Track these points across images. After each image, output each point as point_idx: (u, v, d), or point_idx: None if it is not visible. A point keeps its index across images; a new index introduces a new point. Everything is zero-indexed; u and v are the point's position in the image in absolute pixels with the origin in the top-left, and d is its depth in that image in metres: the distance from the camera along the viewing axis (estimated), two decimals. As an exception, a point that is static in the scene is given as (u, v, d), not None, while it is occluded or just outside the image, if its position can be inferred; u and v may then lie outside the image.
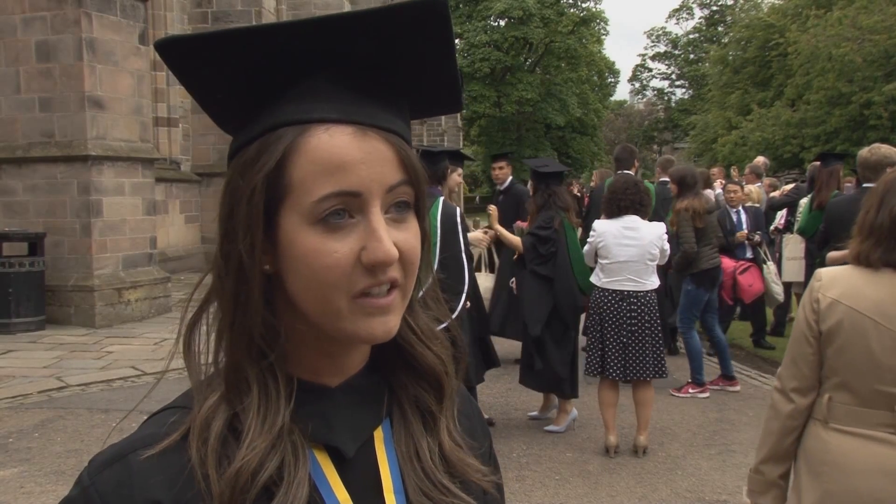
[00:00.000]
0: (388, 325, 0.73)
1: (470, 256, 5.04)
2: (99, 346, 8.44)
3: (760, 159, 11.60)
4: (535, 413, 6.15)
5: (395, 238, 0.71)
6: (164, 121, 14.47)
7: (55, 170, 9.48)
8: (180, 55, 0.72)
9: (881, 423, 2.11)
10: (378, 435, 0.80)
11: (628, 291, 5.17)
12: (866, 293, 2.14)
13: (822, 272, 2.30)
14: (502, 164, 7.49)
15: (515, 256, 6.09)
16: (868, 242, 2.17)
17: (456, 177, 5.49)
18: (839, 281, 2.21)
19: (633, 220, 5.20)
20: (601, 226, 5.28)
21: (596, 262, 5.35)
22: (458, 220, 4.89)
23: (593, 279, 5.36)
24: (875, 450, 2.11)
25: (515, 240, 5.94)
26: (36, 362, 7.67)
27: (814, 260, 6.83)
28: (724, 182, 11.07)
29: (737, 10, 47.65)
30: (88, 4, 9.27)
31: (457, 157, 5.69)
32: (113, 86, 9.67)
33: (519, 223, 6.32)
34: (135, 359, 7.82)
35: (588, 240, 5.41)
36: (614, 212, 5.23)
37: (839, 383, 2.18)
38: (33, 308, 9.10)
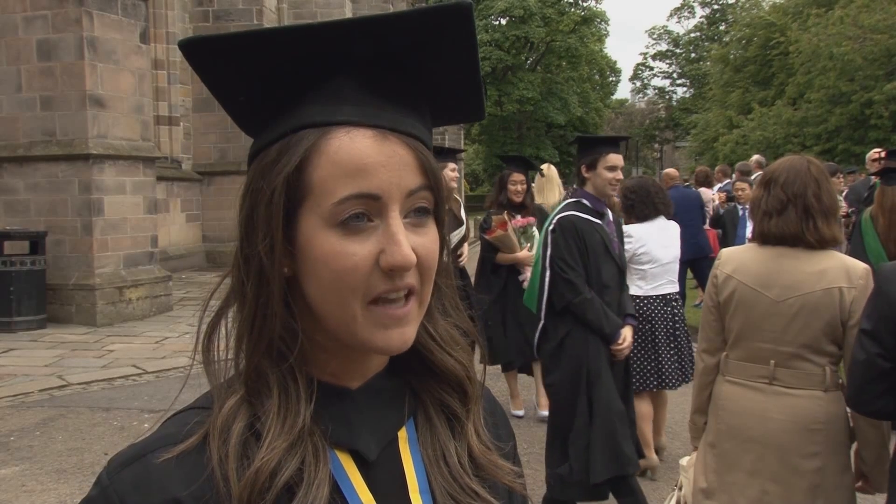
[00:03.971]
0: (405, 336, 0.73)
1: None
2: (100, 345, 8.44)
3: (754, 158, 11.58)
4: (520, 412, 6.10)
5: (413, 243, 0.71)
6: (166, 119, 14.47)
7: (56, 168, 9.49)
8: (203, 56, 0.72)
9: (759, 375, 2.59)
10: (402, 436, 0.80)
11: (671, 294, 5.03)
12: (750, 267, 2.63)
13: (723, 252, 2.82)
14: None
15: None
16: (776, 221, 2.59)
17: (449, 172, 5.29)
18: (733, 259, 2.72)
19: (663, 221, 5.04)
20: (640, 230, 4.96)
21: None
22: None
23: (633, 290, 4.81)
24: (751, 396, 2.61)
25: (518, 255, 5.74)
26: (37, 361, 7.68)
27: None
28: (721, 181, 11.03)
29: (738, 8, 47.61)
30: (89, 3, 9.27)
31: (448, 153, 5.51)
32: (114, 84, 9.67)
33: (519, 221, 5.88)
34: (136, 357, 7.83)
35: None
36: (650, 214, 4.99)
37: (733, 343, 2.68)
38: (34, 307, 9.11)
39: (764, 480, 2.57)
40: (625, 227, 4.89)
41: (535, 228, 5.78)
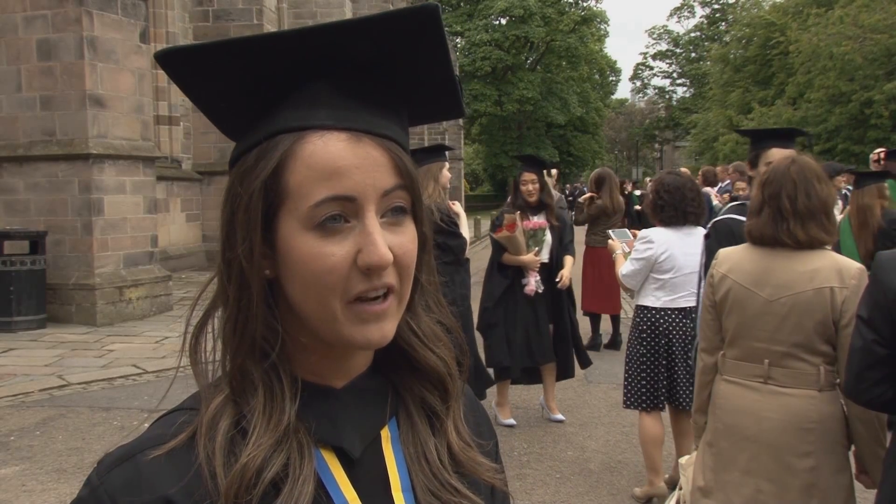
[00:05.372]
0: (384, 330, 0.75)
1: None
2: (100, 345, 8.45)
3: None
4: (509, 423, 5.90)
5: (390, 242, 0.73)
6: (166, 119, 14.47)
7: (56, 168, 9.49)
8: (181, 66, 0.74)
9: (754, 374, 2.61)
10: (385, 434, 0.81)
11: (691, 308, 4.39)
12: (745, 267, 2.65)
13: (720, 252, 2.83)
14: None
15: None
16: (754, 221, 2.62)
17: (447, 172, 5.17)
18: (728, 259, 2.73)
19: (692, 229, 4.47)
20: (661, 235, 4.41)
21: (639, 279, 4.51)
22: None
23: (648, 301, 4.48)
24: (747, 395, 2.62)
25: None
26: (37, 360, 7.68)
27: None
28: (723, 181, 11.00)
29: (738, 8, 47.62)
30: (89, 3, 9.27)
31: (438, 151, 5.34)
32: (114, 84, 9.67)
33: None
34: (136, 357, 7.83)
35: (640, 254, 4.45)
36: (677, 221, 4.40)
37: (729, 342, 2.69)
38: (34, 306, 9.11)
39: (758, 479, 2.58)
40: (644, 231, 4.55)
41: (546, 232, 5.69)
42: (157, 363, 7.57)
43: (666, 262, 4.38)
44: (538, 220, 5.68)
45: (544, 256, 5.73)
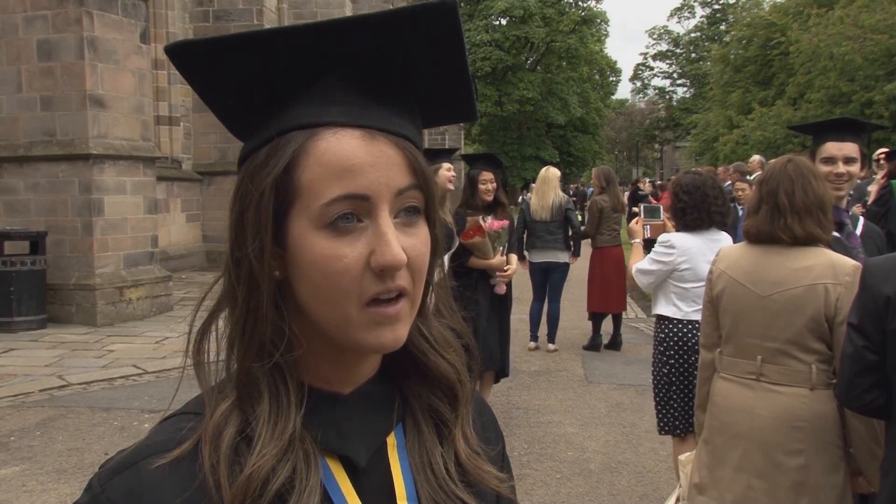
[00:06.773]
0: (397, 333, 0.73)
1: None
2: (100, 345, 8.45)
3: (756, 158, 11.54)
4: None
5: (403, 243, 0.71)
6: (166, 119, 14.47)
7: (56, 168, 9.49)
8: (190, 60, 0.72)
9: (747, 372, 2.63)
10: (391, 442, 0.80)
11: None
12: (741, 264, 2.68)
13: (721, 249, 2.89)
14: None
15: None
16: (752, 220, 2.65)
17: (444, 172, 4.98)
18: (727, 256, 2.77)
19: (715, 233, 4.10)
20: (684, 242, 4.04)
21: (656, 288, 4.18)
22: None
23: (669, 312, 4.11)
24: (740, 392, 2.65)
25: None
26: (37, 361, 7.68)
27: None
28: (724, 181, 11.01)
29: (738, 8, 47.62)
30: (90, 3, 9.28)
31: (442, 153, 5.25)
32: (114, 84, 9.68)
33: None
34: (136, 357, 7.83)
35: (659, 257, 4.08)
36: (701, 224, 4.03)
37: (725, 339, 2.73)
38: (35, 307, 9.11)
39: (749, 476, 2.60)
40: (665, 236, 4.18)
41: (506, 231, 5.57)
42: (157, 363, 7.57)
43: (686, 272, 4.03)
44: (494, 219, 5.53)
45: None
